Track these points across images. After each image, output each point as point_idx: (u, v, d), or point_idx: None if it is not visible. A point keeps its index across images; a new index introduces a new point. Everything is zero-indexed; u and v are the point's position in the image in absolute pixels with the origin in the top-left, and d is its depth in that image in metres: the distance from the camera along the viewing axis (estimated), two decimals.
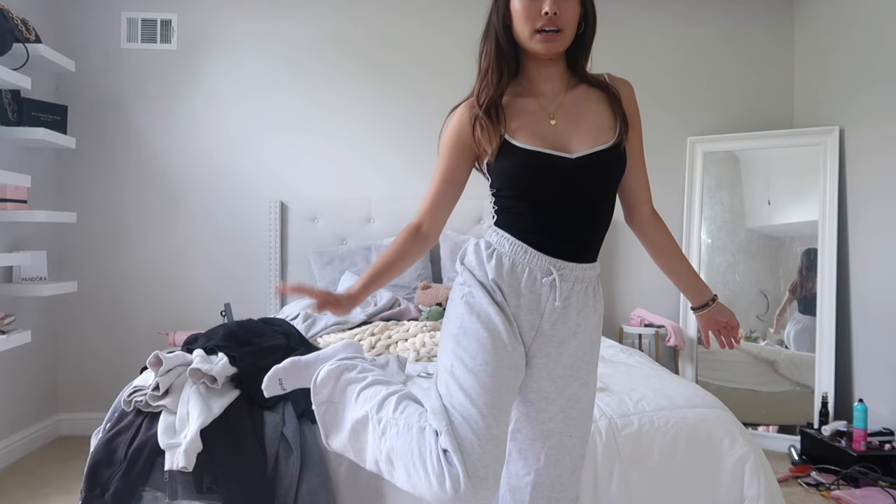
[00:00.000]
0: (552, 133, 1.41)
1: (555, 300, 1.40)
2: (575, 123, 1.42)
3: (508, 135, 1.40)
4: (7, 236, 3.16)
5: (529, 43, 1.38)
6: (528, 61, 1.45)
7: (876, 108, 3.23)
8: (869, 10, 3.29)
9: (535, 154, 1.38)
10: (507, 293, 1.41)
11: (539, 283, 1.41)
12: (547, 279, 1.40)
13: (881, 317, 3.18)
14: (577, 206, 1.41)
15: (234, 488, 1.68)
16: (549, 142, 1.39)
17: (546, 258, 1.40)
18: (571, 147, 1.40)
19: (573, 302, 1.42)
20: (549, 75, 1.45)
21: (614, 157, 1.42)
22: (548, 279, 1.40)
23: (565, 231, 1.41)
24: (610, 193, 1.46)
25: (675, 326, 3.63)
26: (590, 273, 1.45)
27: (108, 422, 1.88)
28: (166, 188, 3.70)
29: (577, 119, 1.43)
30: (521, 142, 1.39)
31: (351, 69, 3.77)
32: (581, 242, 1.43)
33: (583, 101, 1.45)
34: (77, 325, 3.65)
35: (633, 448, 1.82)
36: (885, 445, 2.94)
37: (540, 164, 1.38)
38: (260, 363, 1.98)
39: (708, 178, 3.78)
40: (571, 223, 1.41)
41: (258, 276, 3.72)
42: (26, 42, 2.95)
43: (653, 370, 2.36)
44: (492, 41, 1.43)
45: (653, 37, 3.89)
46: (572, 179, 1.39)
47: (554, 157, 1.38)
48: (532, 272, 1.41)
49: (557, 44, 1.37)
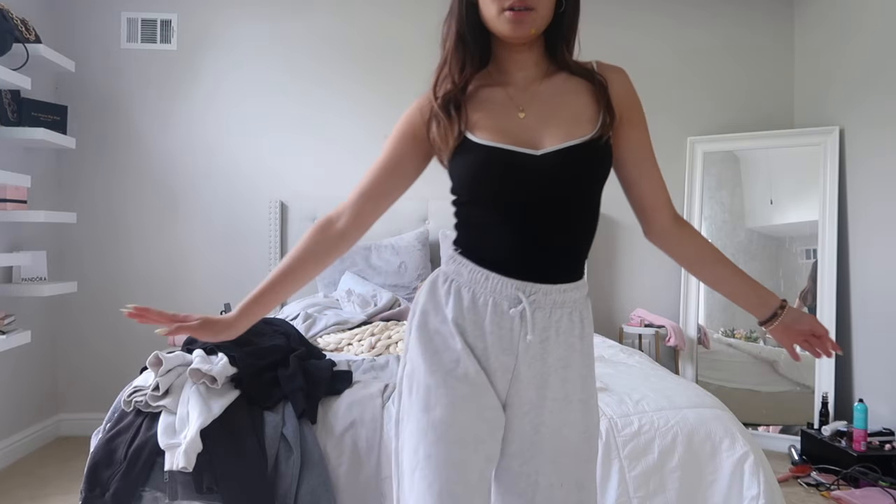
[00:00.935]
0: (519, 127, 1.19)
1: (526, 334, 1.17)
2: (548, 116, 1.20)
3: (468, 130, 1.19)
4: (7, 236, 3.16)
5: (497, 23, 1.17)
6: (498, 46, 1.24)
7: (876, 107, 3.23)
8: (869, 10, 3.29)
9: (493, 150, 1.17)
10: (470, 334, 1.18)
11: (507, 317, 1.17)
12: (515, 309, 1.17)
13: (881, 317, 3.18)
14: (546, 213, 1.18)
15: (234, 488, 1.68)
16: (514, 137, 1.18)
17: (512, 282, 1.17)
18: (541, 143, 1.18)
19: (553, 333, 1.19)
20: (522, 62, 1.24)
21: (592, 154, 1.19)
22: (516, 309, 1.17)
23: (533, 245, 1.18)
24: (589, 198, 1.22)
25: (675, 326, 3.63)
26: (572, 295, 1.21)
27: (108, 422, 1.87)
28: (166, 188, 3.70)
29: (552, 111, 1.21)
30: (479, 137, 1.18)
31: (351, 70, 3.77)
32: (555, 258, 1.20)
33: (560, 91, 1.23)
34: (77, 325, 3.65)
35: (633, 448, 1.82)
36: (885, 445, 2.93)
37: (498, 161, 1.17)
38: (260, 363, 1.98)
39: (708, 178, 3.78)
40: (540, 235, 1.18)
41: (258, 276, 3.70)
42: (26, 42, 2.95)
43: (653, 370, 2.36)
44: (454, 22, 1.22)
45: (653, 37, 3.89)
46: (539, 181, 1.17)
47: (515, 154, 1.17)
48: (497, 303, 1.18)
49: (528, 25, 1.16)
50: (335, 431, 1.83)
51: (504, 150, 1.17)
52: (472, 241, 1.23)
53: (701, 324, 3.71)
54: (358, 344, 2.60)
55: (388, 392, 2.01)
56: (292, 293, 1.27)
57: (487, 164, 1.18)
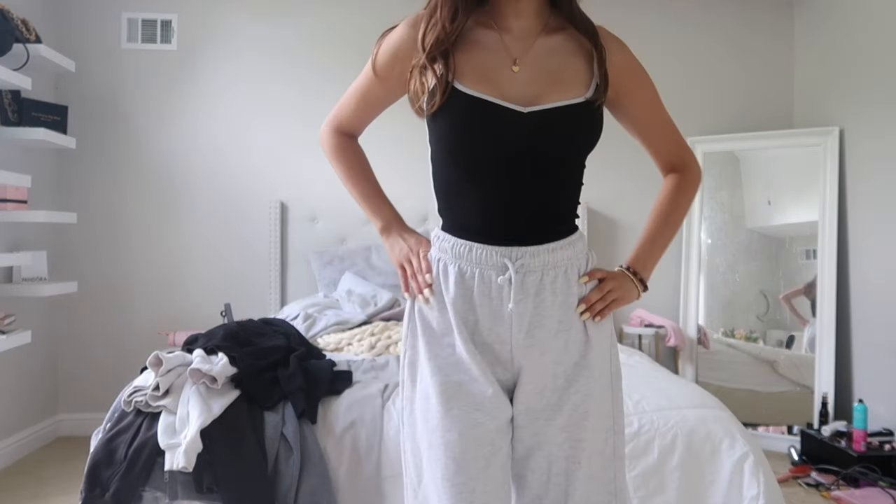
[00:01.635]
0: (510, 81, 1.13)
1: (509, 303, 1.13)
2: (543, 73, 1.14)
3: (456, 79, 1.12)
4: (7, 236, 3.16)
5: None
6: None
7: (876, 108, 3.23)
8: (869, 10, 3.29)
9: (479, 102, 1.10)
10: (461, 309, 1.15)
11: (495, 286, 1.14)
12: (503, 277, 1.13)
13: (881, 317, 3.18)
14: (527, 173, 1.13)
15: (234, 488, 1.68)
16: (502, 90, 1.12)
17: (497, 250, 1.13)
18: (530, 100, 1.12)
19: (548, 296, 1.14)
20: (522, 10, 1.16)
21: (580, 117, 1.13)
22: (504, 277, 1.13)
23: (514, 206, 1.14)
24: (572, 160, 1.18)
25: (675, 327, 3.63)
26: (565, 253, 1.15)
27: (108, 422, 1.88)
28: (166, 188, 3.70)
29: (547, 69, 1.15)
30: (465, 85, 1.12)
31: (351, 69, 3.73)
32: (537, 220, 1.15)
33: (558, 48, 1.17)
34: (77, 325, 3.65)
35: (633, 448, 1.82)
36: (884, 446, 2.93)
37: (482, 114, 1.11)
38: (260, 363, 1.98)
39: (708, 178, 3.78)
40: (521, 196, 1.14)
41: (258, 276, 3.71)
42: (26, 42, 2.95)
43: (653, 370, 2.36)
44: None
45: (652, 37, 3.88)
46: (521, 139, 1.11)
47: (502, 109, 1.10)
48: (484, 274, 1.14)
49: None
50: (335, 431, 1.83)
51: (490, 102, 1.11)
52: (453, 209, 1.20)
53: (701, 324, 3.71)
54: (358, 344, 2.60)
55: (388, 392, 2.01)
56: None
57: (471, 117, 1.12)
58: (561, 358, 1.16)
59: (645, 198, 4.10)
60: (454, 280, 1.16)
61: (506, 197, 1.14)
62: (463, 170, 1.16)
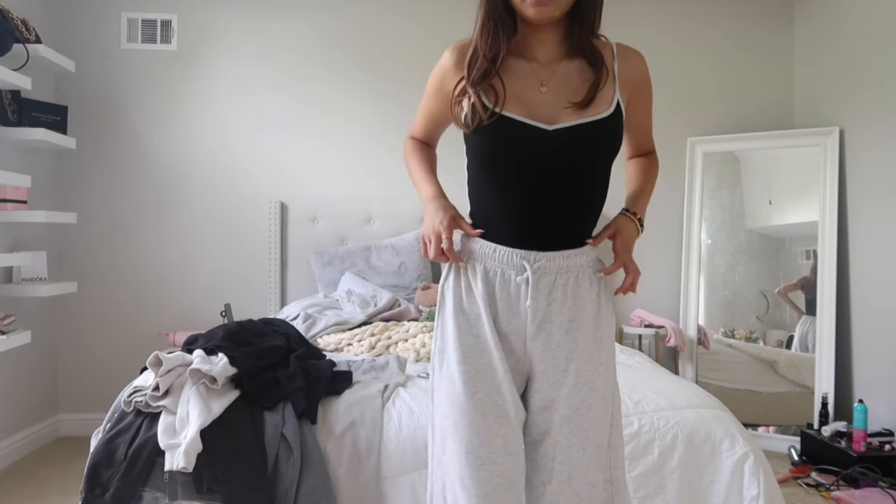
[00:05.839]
0: (538, 102, 1.29)
1: (527, 300, 1.29)
2: (566, 94, 1.29)
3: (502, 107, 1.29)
4: (7, 236, 3.16)
5: (521, 7, 1.26)
6: (524, 24, 1.33)
7: (876, 108, 3.23)
8: (869, 10, 3.29)
9: (510, 122, 1.27)
10: (486, 303, 1.31)
11: (513, 284, 1.30)
12: (521, 277, 1.29)
13: (881, 317, 3.18)
14: (553, 185, 1.28)
15: (234, 489, 1.68)
16: (531, 110, 1.28)
17: (517, 252, 1.29)
18: (555, 118, 1.28)
19: (559, 296, 1.30)
20: (546, 40, 1.33)
21: (601, 132, 1.29)
22: (522, 277, 1.29)
23: (538, 215, 1.29)
24: (596, 173, 1.33)
25: (675, 327, 3.63)
26: (577, 260, 1.31)
27: (108, 422, 1.87)
28: (166, 188, 3.70)
29: (570, 89, 1.30)
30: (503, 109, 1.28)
31: (351, 69, 3.77)
32: (559, 228, 1.31)
33: (579, 70, 1.32)
34: (77, 325, 3.65)
35: (633, 448, 1.82)
36: (884, 446, 2.94)
37: (513, 133, 1.27)
38: (260, 364, 1.98)
39: (708, 178, 3.78)
40: (545, 206, 1.29)
41: (258, 276, 3.71)
42: (26, 42, 2.95)
43: (653, 371, 2.36)
44: (483, 8, 1.31)
45: (652, 37, 3.89)
46: (547, 154, 1.27)
47: (529, 128, 1.27)
48: (505, 273, 1.31)
49: (552, 8, 1.25)
50: (335, 431, 1.83)
51: (519, 122, 1.27)
52: (482, 212, 1.35)
53: (701, 324, 3.72)
54: (358, 344, 2.60)
55: (388, 392, 2.01)
56: None
57: (503, 135, 1.27)
58: (571, 354, 1.31)
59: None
60: (481, 277, 1.32)
61: (529, 206, 1.29)
62: (492, 179, 1.32)
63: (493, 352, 1.30)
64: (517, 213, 1.30)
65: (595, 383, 1.31)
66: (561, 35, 1.32)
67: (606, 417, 1.33)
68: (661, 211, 3.84)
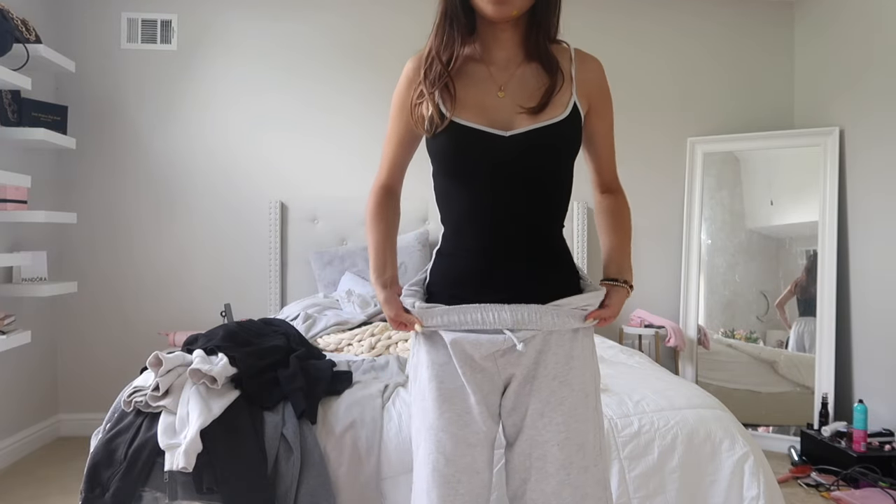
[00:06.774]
0: (496, 107, 1.26)
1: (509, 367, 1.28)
2: (523, 99, 1.26)
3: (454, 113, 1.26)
4: (7, 236, 3.16)
5: (480, 3, 1.23)
6: (483, 24, 1.29)
7: (876, 108, 3.23)
8: (869, 10, 3.29)
9: (468, 130, 1.24)
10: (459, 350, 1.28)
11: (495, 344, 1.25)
12: (504, 339, 1.25)
13: (881, 317, 3.18)
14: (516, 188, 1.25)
15: (234, 489, 1.68)
16: (489, 116, 1.25)
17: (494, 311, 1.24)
18: (512, 124, 1.25)
19: (551, 356, 1.28)
20: (504, 41, 1.29)
21: (558, 135, 1.25)
22: (505, 340, 1.25)
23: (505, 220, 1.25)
24: (559, 175, 1.29)
25: (675, 327, 3.63)
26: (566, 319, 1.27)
27: (107, 422, 1.87)
28: (166, 188, 3.70)
29: (526, 94, 1.27)
30: (459, 116, 1.25)
31: (351, 69, 3.77)
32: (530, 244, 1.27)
33: (537, 75, 1.29)
34: (77, 325, 3.65)
35: (633, 448, 1.82)
36: (884, 446, 2.94)
37: (471, 140, 1.24)
38: (260, 363, 1.98)
39: (708, 178, 3.78)
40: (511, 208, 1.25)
41: (258, 276, 3.71)
42: (26, 42, 2.95)
43: (653, 371, 2.36)
44: (441, 3, 1.29)
45: (652, 37, 3.89)
46: (507, 159, 1.24)
47: (484, 135, 1.24)
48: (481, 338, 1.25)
49: (510, 7, 1.22)
50: (335, 431, 1.83)
51: (475, 129, 1.24)
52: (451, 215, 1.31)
53: (701, 324, 3.72)
54: (358, 344, 2.60)
55: (388, 392, 2.01)
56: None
57: (461, 141, 1.24)
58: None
59: (641, 197, 4.09)
60: (449, 342, 1.27)
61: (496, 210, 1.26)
62: (455, 182, 1.29)
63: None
64: (483, 217, 1.26)
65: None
66: (520, 37, 1.30)
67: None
68: (661, 211, 3.84)
